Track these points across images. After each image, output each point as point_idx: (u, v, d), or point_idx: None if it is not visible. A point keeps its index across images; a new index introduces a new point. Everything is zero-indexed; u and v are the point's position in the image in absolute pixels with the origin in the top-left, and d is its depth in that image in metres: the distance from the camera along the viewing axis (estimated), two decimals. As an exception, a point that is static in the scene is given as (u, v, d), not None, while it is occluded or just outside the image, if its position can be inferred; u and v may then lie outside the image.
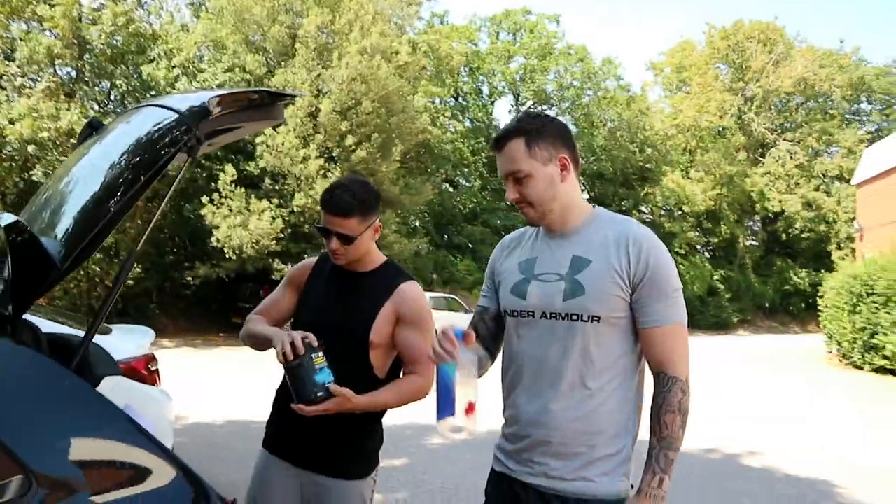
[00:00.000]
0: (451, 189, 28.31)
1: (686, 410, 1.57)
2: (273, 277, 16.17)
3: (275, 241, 15.59)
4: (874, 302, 12.86)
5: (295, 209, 16.07)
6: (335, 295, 2.13)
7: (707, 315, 28.09)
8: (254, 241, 15.20)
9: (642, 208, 31.62)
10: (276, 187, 16.53)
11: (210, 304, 18.07)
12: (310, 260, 2.29)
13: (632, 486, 1.57)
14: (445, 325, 1.61)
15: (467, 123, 29.46)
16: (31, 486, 1.21)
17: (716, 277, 29.27)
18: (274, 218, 15.55)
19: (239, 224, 15.21)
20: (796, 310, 31.22)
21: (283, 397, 2.17)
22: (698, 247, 31.94)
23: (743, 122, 32.59)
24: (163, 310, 16.77)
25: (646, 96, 35.16)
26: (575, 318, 1.57)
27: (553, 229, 1.68)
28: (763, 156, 32.21)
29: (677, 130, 32.89)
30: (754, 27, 33.15)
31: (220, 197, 15.72)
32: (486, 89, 32.37)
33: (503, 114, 43.34)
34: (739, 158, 31.91)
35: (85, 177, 1.67)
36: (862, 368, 13.40)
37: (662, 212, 31.42)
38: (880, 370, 12.69)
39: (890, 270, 12.57)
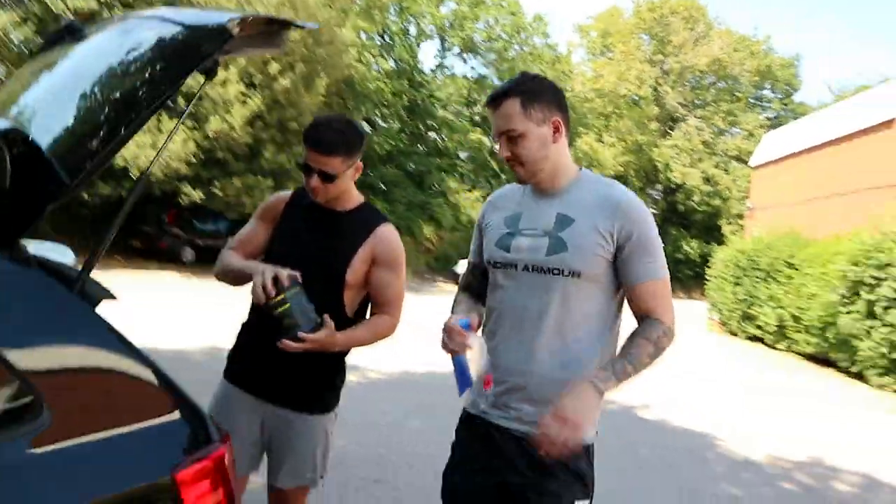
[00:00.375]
0: (369, 129, 27.78)
1: (660, 347, 1.64)
2: (180, 202, 15.50)
3: (185, 165, 14.88)
4: (756, 276, 13.98)
5: (210, 133, 15.35)
6: (313, 232, 2.11)
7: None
8: (163, 163, 14.44)
9: (554, 167, 32.33)
10: (191, 109, 15.68)
11: (109, 226, 17.10)
12: (284, 193, 2.24)
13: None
14: (449, 321, 1.67)
15: (391, 64, 28.77)
16: (42, 411, 1.21)
17: (616, 241, 30.47)
18: (186, 140, 14.80)
19: (148, 144, 14.38)
20: (684, 277, 33.32)
21: (253, 330, 2.16)
22: (602, 210, 33.13)
23: (658, 94, 33.77)
24: (56, 229, 15.67)
25: (570, 58, 35.59)
26: (556, 272, 1.64)
27: (541, 188, 1.74)
28: (672, 129, 33.63)
29: (596, 95, 33.64)
30: (680, 3, 34.06)
31: (128, 113, 14.74)
32: (413, 30, 31.62)
33: (428, 58, 42.66)
34: (651, 128, 33.15)
35: (87, 87, 1.56)
36: (737, 335, 14.68)
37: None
38: (752, 338, 13.95)
39: (774, 249, 13.65)
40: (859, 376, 9.84)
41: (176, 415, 1.39)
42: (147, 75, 1.50)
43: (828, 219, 14.34)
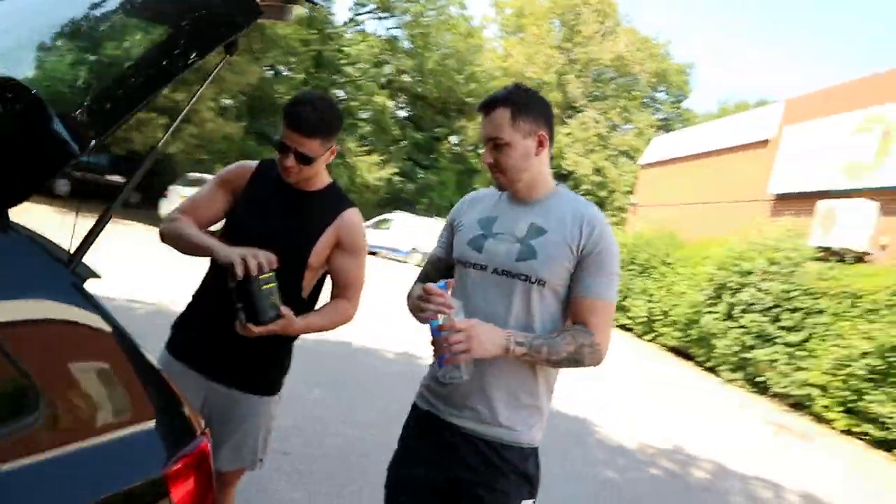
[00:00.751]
0: (273, 76, 26.64)
1: (581, 353, 1.69)
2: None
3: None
4: (633, 270, 14.94)
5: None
6: (281, 209, 2.08)
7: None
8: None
9: (453, 139, 32.66)
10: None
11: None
12: (249, 163, 2.18)
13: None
14: (426, 285, 1.70)
15: (304, 11, 27.65)
16: (38, 404, 1.17)
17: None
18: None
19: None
20: (564, 263, 34.66)
21: (206, 304, 2.12)
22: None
23: (562, 82, 34.67)
24: None
25: (482, 33, 35.74)
26: (523, 278, 1.73)
27: (518, 197, 1.84)
28: (570, 118, 34.72)
29: (503, 73, 34.04)
30: (594, -6, 35.00)
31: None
32: (330, -21, 30.44)
33: (343, 11, 41.29)
34: (551, 114, 34.07)
35: (99, 42, 1.44)
36: (610, 324, 15.69)
37: (469, 147, 32.70)
38: (622, 327, 14.96)
39: (652, 246, 14.62)
40: (713, 370, 10.88)
41: (167, 412, 1.39)
42: (175, 41, 1.41)
43: (702, 223, 15.52)
